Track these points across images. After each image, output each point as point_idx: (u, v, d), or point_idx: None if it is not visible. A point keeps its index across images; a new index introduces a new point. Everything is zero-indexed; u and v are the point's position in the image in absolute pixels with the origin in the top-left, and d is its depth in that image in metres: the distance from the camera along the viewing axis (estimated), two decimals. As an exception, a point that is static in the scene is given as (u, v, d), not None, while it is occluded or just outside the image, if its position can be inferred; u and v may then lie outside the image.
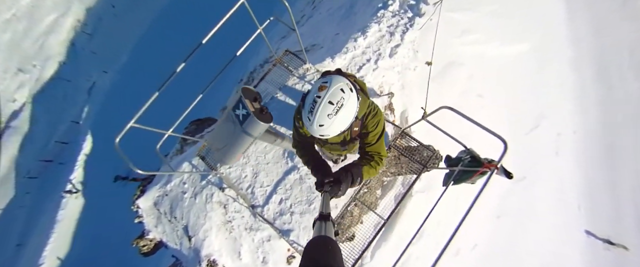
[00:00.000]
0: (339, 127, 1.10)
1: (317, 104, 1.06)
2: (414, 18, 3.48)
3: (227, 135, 1.12)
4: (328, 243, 0.68)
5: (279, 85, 3.00)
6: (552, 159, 4.54)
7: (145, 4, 9.16)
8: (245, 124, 1.05)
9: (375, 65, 3.31)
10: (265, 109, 1.07)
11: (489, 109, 4.03)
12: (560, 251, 4.39)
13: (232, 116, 1.11)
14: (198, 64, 3.80)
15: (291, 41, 6.03)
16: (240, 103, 1.07)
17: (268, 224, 2.66)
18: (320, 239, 0.70)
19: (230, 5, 2.05)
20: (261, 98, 1.10)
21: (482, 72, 4.06)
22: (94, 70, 8.26)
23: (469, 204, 2.29)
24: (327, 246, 0.66)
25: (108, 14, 8.48)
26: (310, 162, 1.43)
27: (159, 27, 9.13)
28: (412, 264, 3.77)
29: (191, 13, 9.14)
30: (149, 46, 8.95)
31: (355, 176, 1.20)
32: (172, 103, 3.43)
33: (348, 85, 1.10)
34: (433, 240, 3.58)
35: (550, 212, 4.45)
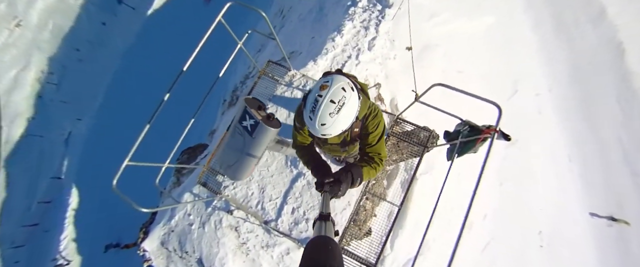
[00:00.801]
0: (340, 126, 1.11)
1: (319, 103, 1.06)
2: (384, 10, 3.60)
3: (238, 149, 1.10)
4: (328, 243, 0.68)
5: (268, 96, 2.99)
6: (536, 118, 4.78)
7: (110, 42, 8.91)
8: (256, 133, 1.04)
9: (357, 61, 3.39)
10: (272, 116, 1.06)
11: (470, 82, 4.21)
12: (562, 202, 4.59)
13: (239, 129, 1.09)
14: (177, 91, 3.75)
15: (268, 53, 6.04)
16: (246, 114, 1.06)
17: (285, 236, 2.60)
18: (320, 239, 0.70)
19: (196, 29, 2.04)
20: (265, 106, 1.09)
21: (457, 49, 4.25)
22: (67, 120, 7.87)
23: (471, 177, 2.37)
24: (327, 246, 0.66)
25: (72, 60, 8.16)
26: (310, 162, 1.43)
27: (129, 63, 8.90)
28: (431, 247, 3.81)
29: (160, 43, 9.00)
30: (122, 84, 8.68)
31: (356, 176, 1.20)
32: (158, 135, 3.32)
33: (349, 85, 1.11)
34: (444, 219, 3.64)
35: (545, 168, 4.66)
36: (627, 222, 4.33)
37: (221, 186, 2.76)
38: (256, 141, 1.05)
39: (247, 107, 1.06)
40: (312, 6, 5.42)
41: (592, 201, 4.68)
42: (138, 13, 9.27)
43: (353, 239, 2.74)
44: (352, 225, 2.67)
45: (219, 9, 2.06)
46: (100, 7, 8.64)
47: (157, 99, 2.01)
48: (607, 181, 4.75)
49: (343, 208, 2.62)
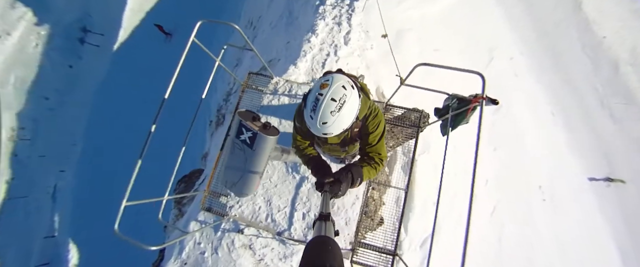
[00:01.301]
0: (342, 124, 1.10)
1: (320, 102, 1.06)
2: (353, 3, 3.66)
3: (240, 164, 1.08)
4: (328, 243, 0.68)
5: (256, 107, 2.96)
6: (514, 81, 4.98)
7: (80, 84, 8.58)
8: (255, 144, 1.03)
9: (336, 57, 3.41)
10: (268, 125, 1.05)
11: (448, 58, 4.34)
12: (554, 155, 4.79)
13: (237, 144, 1.08)
14: (161, 120, 3.69)
15: (246, 66, 6.00)
16: (242, 128, 1.05)
17: (301, 243, 2.58)
18: (320, 239, 0.70)
19: (162, 63, 2.00)
20: (259, 116, 1.08)
21: (429, 30, 4.37)
22: (49, 174, 7.49)
23: (467, 147, 2.43)
24: (327, 246, 0.66)
25: (43, 110, 7.79)
26: (310, 162, 1.42)
27: (103, 101, 8.60)
28: (442, 225, 3.88)
29: (130, 77, 8.75)
30: (100, 124, 8.37)
31: (356, 176, 1.20)
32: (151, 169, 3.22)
33: (349, 83, 1.11)
34: (449, 193, 3.72)
35: (532, 127, 4.85)
36: (623, 181, 4.55)
37: (226, 207, 2.70)
38: (257, 153, 1.03)
39: (242, 120, 1.04)
40: (281, 12, 5.43)
41: (582, 152, 4.91)
42: (103, 51, 8.99)
43: (368, 231, 2.75)
44: (364, 217, 2.68)
45: (180, 44, 2.02)
46: (62, 51, 8.32)
47: (138, 131, 1.95)
48: (589, 126, 5.01)
49: (352, 203, 2.62)
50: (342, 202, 2.61)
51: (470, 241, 1.55)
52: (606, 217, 4.48)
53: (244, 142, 1.05)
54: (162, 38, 9.04)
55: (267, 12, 6.57)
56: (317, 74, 3.28)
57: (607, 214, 4.49)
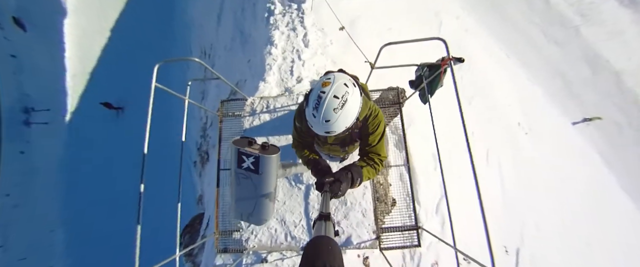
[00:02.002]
0: (345, 122, 1.10)
1: (322, 99, 1.05)
2: (300, 6, 3.70)
3: (250, 193, 1.05)
4: (328, 243, 0.68)
5: (239, 133, 2.89)
6: (466, 36, 5.32)
7: (39, 167, 7.84)
8: (261, 168, 1.00)
9: (301, 61, 3.43)
10: (266, 144, 1.03)
11: (402, 33, 4.53)
12: (521, 90, 5.19)
13: (242, 174, 1.05)
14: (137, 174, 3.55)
15: (213, 96, 5.85)
16: (242, 156, 1.02)
17: (326, 250, 2.55)
18: (321, 239, 0.70)
19: (120, 132, 1.91)
20: (254, 139, 1.06)
21: (377, 12, 4.54)
22: None
23: (447, 107, 2.55)
24: (327, 246, 0.67)
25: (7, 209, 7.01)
26: (310, 162, 1.42)
27: (70, 175, 7.93)
28: (447, 182, 4.04)
29: (87, 149, 8.17)
30: (75, 203, 7.71)
31: (356, 176, 1.19)
32: (148, 230, 3.01)
33: (351, 81, 1.12)
34: (445, 156, 3.89)
35: (494, 72, 5.22)
36: (599, 117, 4.98)
37: (242, 242, 2.61)
38: (265, 175, 1.01)
39: (239, 148, 1.01)
40: (231, 34, 5.36)
41: (541, 80, 5.36)
42: (53, 126, 8.30)
43: (385, 215, 2.79)
44: (378, 204, 2.72)
45: (135, 115, 1.95)
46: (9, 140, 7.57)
47: (117, 200, 1.82)
48: (541, 57, 5.49)
49: (363, 193, 2.64)
50: (353, 196, 2.62)
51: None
52: (589, 147, 4.90)
53: (248, 170, 1.02)
54: (114, 113, 8.48)
55: (217, 38, 6.46)
56: (289, 83, 3.28)
57: (587, 145, 4.90)
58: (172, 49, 8.79)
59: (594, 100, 5.20)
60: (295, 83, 3.23)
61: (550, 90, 5.27)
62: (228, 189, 2.75)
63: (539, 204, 4.35)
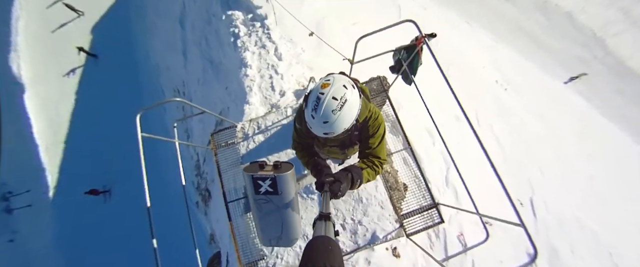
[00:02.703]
0: (343, 123, 1.10)
1: (321, 100, 1.05)
2: (263, 22, 3.72)
3: (274, 216, 1.02)
4: (328, 243, 0.68)
5: (237, 161, 2.83)
6: (426, 14, 5.54)
7: (32, 250, 7.33)
8: (280, 187, 0.98)
9: (279, 75, 3.44)
10: (278, 163, 1.01)
11: (369, 24, 4.64)
12: (490, 52, 5.43)
13: (262, 199, 1.02)
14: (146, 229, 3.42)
15: (199, 132, 5.71)
16: (257, 182, 0.99)
17: (355, 252, 2.52)
18: (320, 239, 0.70)
19: (109, 213, 1.85)
20: (264, 161, 1.04)
21: (338, 10, 4.65)
22: None
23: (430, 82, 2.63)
24: (327, 246, 0.67)
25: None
26: (310, 163, 1.41)
27: (67, 250, 7.45)
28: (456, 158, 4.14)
29: (76, 231, 7.69)
30: None
31: (356, 177, 1.18)
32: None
33: (350, 82, 1.11)
34: (442, 127, 4.00)
35: (462, 41, 5.44)
36: (585, 73, 5.25)
37: (287, 247, 2.53)
38: (285, 194, 0.99)
39: (253, 175, 0.99)
40: (201, 66, 5.30)
41: (504, 36, 5.64)
42: (38, 207, 7.79)
43: (401, 202, 2.80)
44: (392, 192, 2.72)
45: (122, 199, 1.90)
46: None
47: (124, 256, 1.74)
48: (498, 17, 5.79)
49: (376, 186, 2.64)
50: (367, 191, 2.62)
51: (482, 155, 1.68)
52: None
53: (267, 194, 0.99)
54: (101, 199, 7.97)
55: (188, 74, 6.36)
56: (273, 99, 3.27)
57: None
58: (144, 97, 8.56)
59: (557, 44, 5.53)
60: (279, 98, 3.22)
61: (517, 45, 5.55)
62: (241, 221, 2.67)
63: (535, 152, 4.53)
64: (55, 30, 9.04)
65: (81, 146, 8.33)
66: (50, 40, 8.94)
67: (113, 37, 8.99)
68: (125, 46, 8.88)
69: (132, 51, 8.91)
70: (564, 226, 3.78)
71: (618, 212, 4.03)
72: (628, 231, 3.81)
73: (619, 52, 5.59)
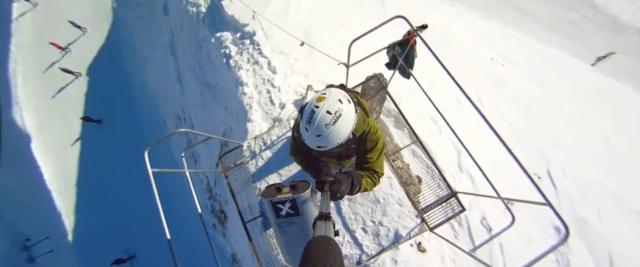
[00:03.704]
0: (336, 138, 1.09)
1: (315, 114, 1.04)
2: (252, 38, 3.75)
3: (299, 237, 1.01)
4: (328, 243, 0.68)
5: (247, 181, 2.83)
6: (410, 4, 5.54)
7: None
8: (301, 208, 0.97)
9: (276, 88, 3.45)
10: (295, 184, 1.01)
11: (355, 25, 4.66)
12: (477, 30, 5.39)
13: (284, 222, 1.01)
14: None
15: (205, 156, 5.74)
16: (277, 206, 0.99)
17: (380, 254, 2.49)
18: (320, 239, 0.70)
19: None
20: (280, 183, 1.03)
21: (323, 14, 4.67)
22: None
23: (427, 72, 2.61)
24: (327, 246, 0.67)
25: None
26: (309, 165, 1.41)
27: None
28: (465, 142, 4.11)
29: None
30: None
31: (356, 181, 1.18)
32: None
33: (346, 97, 1.11)
34: (447, 112, 3.97)
35: (450, 24, 5.42)
36: (613, 52, 5.02)
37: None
38: (307, 214, 0.98)
39: (272, 200, 0.98)
40: (199, 90, 5.35)
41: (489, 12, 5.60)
42: (59, 253, 7.87)
43: (417, 195, 2.77)
44: (408, 188, 2.70)
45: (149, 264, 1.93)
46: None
47: None
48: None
49: (390, 184, 2.62)
50: (383, 191, 2.59)
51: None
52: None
53: (287, 216, 0.99)
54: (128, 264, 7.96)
55: (185, 100, 6.43)
56: (274, 113, 3.27)
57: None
58: (147, 129, 8.65)
59: (544, 11, 5.48)
60: (280, 111, 3.23)
61: (504, 18, 5.51)
62: (261, 239, 2.66)
63: (543, 122, 4.46)
64: (55, 95, 9.14)
65: (92, 184, 8.44)
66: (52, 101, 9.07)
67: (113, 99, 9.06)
68: (122, 86, 9.00)
69: (128, 85, 9.02)
70: (586, 192, 3.71)
71: (639, 168, 3.94)
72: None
73: (609, 9, 5.53)
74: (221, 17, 4.35)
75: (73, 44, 9.25)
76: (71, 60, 9.29)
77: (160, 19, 6.83)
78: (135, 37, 8.27)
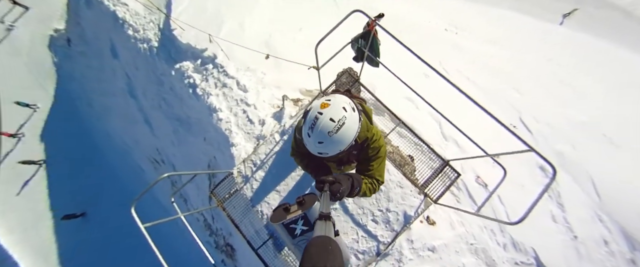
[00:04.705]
0: (338, 146, 1.08)
1: (319, 121, 1.02)
2: (215, 62, 3.64)
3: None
4: (328, 243, 0.68)
5: (248, 207, 2.75)
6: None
7: None
8: (312, 222, 0.96)
9: (251, 106, 3.38)
10: (301, 200, 0.99)
11: (314, 26, 4.70)
12: (430, 5, 5.67)
13: (300, 241, 0.99)
14: None
15: (194, 194, 5.48)
16: (289, 227, 0.96)
17: (396, 239, 2.53)
18: (321, 239, 0.70)
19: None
20: (287, 203, 1.01)
21: (280, 21, 4.65)
22: None
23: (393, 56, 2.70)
24: (327, 246, 0.67)
25: None
26: (309, 165, 1.42)
27: None
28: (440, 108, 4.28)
29: None
30: None
31: (356, 183, 1.16)
32: None
33: (351, 105, 1.09)
34: (422, 89, 4.13)
35: (401, 6, 5.64)
36: (575, 9, 5.25)
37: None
38: None
39: (283, 222, 0.95)
40: (170, 126, 5.10)
41: None
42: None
43: (413, 174, 2.85)
44: (404, 169, 2.77)
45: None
46: None
47: None
48: None
49: (387, 169, 2.66)
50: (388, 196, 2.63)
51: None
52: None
53: (303, 233, 0.96)
54: None
55: (159, 140, 6.10)
56: (256, 131, 3.21)
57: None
58: (125, 178, 8.08)
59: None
60: (261, 128, 3.17)
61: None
62: (278, 262, 2.59)
63: (505, 76, 4.80)
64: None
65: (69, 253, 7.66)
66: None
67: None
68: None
69: (91, 138, 8.36)
70: (557, 129, 4.04)
71: (596, 96, 4.37)
72: (610, 109, 4.14)
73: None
74: (176, 48, 4.18)
75: (25, 124, 8.27)
76: (27, 146, 8.29)
77: (110, 64, 6.42)
78: (89, 88, 7.70)
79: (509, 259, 3.09)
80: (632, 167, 3.42)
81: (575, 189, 3.32)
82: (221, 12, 4.28)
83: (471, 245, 3.05)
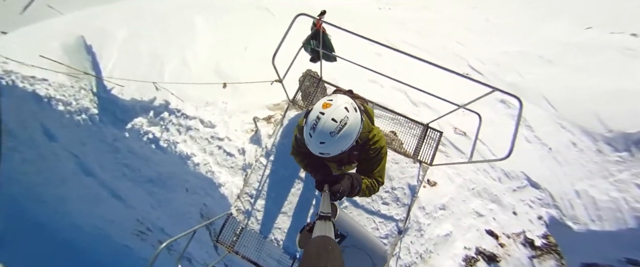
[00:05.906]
0: (340, 146, 1.08)
1: (320, 121, 1.02)
2: (168, 108, 3.40)
3: (356, 255, 0.97)
4: (328, 243, 0.69)
5: (261, 241, 2.61)
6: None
7: None
8: (344, 231, 0.93)
9: (223, 140, 3.23)
10: (324, 215, 0.96)
11: (262, 39, 4.60)
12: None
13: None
14: None
15: (196, 249, 5.08)
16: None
17: (410, 212, 2.60)
18: (320, 239, 0.71)
19: None
20: (311, 223, 0.97)
21: (224, 46, 4.47)
22: None
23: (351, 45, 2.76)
24: (327, 246, 0.68)
25: None
26: (309, 165, 1.43)
27: None
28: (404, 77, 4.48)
29: None
30: None
31: (356, 183, 1.18)
32: None
33: (353, 105, 1.08)
34: (402, 73, 4.26)
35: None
36: None
37: None
38: (352, 231, 0.94)
39: None
40: (145, 192, 4.67)
41: None
42: None
43: (402, 146, 2.96)
44: (393, 146, 2.85)
45: None
46: None
47: None
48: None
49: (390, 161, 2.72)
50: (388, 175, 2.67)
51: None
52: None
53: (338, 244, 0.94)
54: None
55: (136, 210, 5.53)
56: (239, 162, 3.06)
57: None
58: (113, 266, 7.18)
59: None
60: (243, 157, 3.04)
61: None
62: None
63: (442, 31, 5.19)
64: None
65: None
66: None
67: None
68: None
69: (59, 232, 7.28)
70: (502, 64, 4.49)
71: (522, 25, 4.94)
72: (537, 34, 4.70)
73: None
74: (121, 107, 3.82)
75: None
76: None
77: (49, 149, 5.64)
78: (33, 184, 6.67)
79: (507, 189, 3.36)
80: (569, 75, 3.94)
81: (535, 109, 3.72)
82: (158, 54, 4.00)
83: (473, 189, 3.26)
